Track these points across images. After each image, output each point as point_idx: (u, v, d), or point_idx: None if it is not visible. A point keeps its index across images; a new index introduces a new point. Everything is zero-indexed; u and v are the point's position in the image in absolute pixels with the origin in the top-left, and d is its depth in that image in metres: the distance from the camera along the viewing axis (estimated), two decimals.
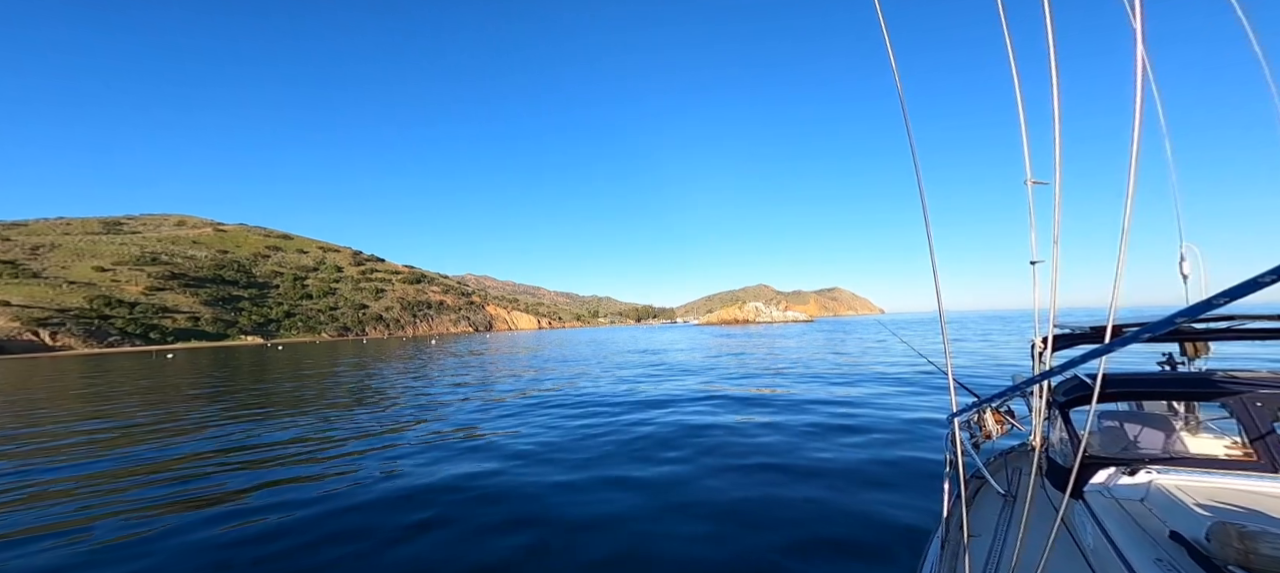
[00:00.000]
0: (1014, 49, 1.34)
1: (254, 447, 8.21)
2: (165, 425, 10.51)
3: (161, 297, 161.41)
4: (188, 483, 6.29)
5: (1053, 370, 1.38)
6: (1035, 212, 1.43)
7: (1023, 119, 1.34)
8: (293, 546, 4.23)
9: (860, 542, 3.83)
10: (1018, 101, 1.35)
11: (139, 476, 6.71)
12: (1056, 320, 1.54)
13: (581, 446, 7.24)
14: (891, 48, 1.34)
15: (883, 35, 1.35)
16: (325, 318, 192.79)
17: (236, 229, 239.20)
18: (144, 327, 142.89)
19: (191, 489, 6.02)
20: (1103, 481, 2.08)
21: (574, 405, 10.94)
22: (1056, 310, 1.45)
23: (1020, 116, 1.33)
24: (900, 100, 1.35)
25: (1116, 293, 1.25)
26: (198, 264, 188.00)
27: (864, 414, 8.37)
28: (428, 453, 7.23)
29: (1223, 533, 1.38)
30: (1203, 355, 2.96)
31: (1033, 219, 1.44)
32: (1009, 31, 1.31)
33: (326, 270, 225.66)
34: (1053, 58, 1.22)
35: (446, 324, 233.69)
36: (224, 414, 11.90)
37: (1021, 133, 1.34)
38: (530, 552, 3.93)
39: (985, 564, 1.89)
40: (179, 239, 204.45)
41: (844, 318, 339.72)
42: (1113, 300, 1.26)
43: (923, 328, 43.54)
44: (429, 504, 5.05)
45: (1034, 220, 1.44)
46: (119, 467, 7.24)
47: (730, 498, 4.82)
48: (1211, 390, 2.23)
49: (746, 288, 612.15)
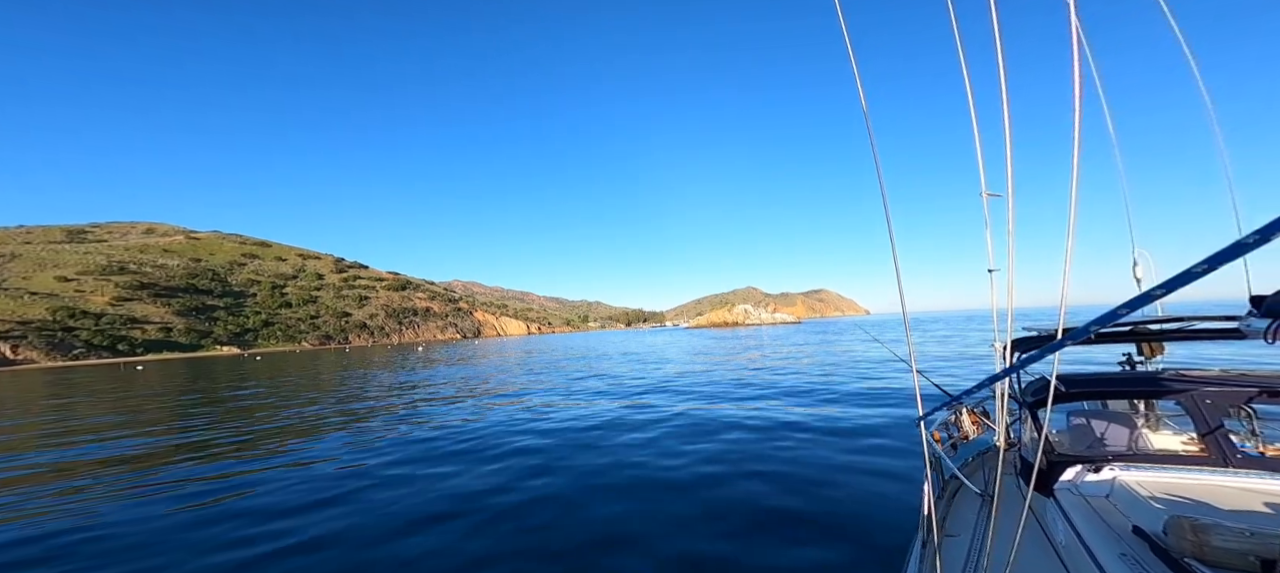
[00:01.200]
0: (968, 69, 1.38)
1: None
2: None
3: (130, 307, 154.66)
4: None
5: (1009, 369, 1.45)
6: (991, 222, 1.50)
7: (977, 136, 1.40)
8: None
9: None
10: (972, 119, 1.41)
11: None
12: (1022, 324, 1.60)
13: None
14: (855, 60, 1.39)
15: (848, 50, 1.43)
16: (306, 327, 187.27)
17: (210, 236, 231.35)
18: (111, 338, 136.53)
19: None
20: (1071, 478, 2.12)
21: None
22: (1013, 315, 1.50)
23: (975, 133, 1.40)
24: (864, 112, 1.42)
25: (1064, 296, 1.32)
26: (169, 273, 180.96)
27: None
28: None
29: (1178, 527, 1.44)
30: (1158, 355, 3.07)
31: (989, 229, 1.51)
32: (964, 51, 1.36)
33: (306, 278, 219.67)
34: (1002, 75, 1.28)
35: (433, 331, 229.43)
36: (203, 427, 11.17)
37: (976, 148, 1.40)
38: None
39: (964, 563, 1.94)
40: (148, 247, 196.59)
41: (831, 319, 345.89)
42: (1062, 302, 1.35)
43: (902, 329, 44.22)
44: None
45: (990, 231, 1.51)
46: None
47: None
48: (1166, 389, 2.33)
49: (735, 291, 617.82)
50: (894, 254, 1.44)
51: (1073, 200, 1.18)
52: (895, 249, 1.43)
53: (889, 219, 1.45)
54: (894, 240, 1.42)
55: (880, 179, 1.43)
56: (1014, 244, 1.40)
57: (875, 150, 1.39)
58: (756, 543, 3.71)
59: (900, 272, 1.46)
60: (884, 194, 1.45)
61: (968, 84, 1.40)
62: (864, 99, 1.41)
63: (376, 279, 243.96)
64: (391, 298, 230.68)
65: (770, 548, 3.67)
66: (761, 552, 3.63)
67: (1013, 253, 1.40)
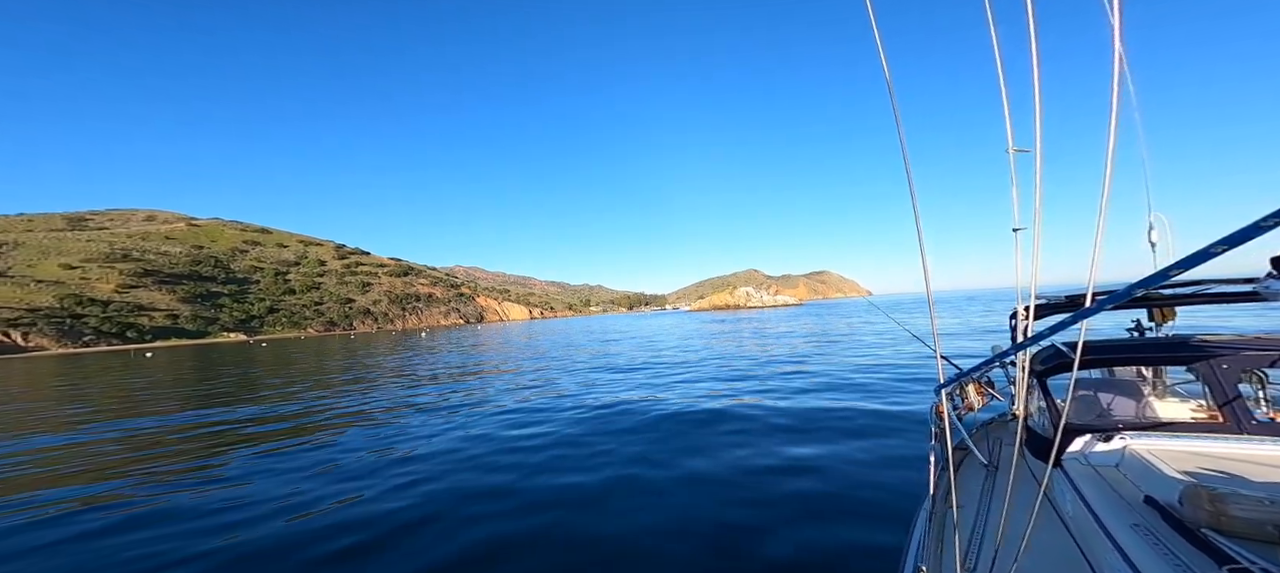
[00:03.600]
0: (995, 20, 1.34)
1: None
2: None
3: (136, 294, 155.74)
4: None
5: (1033, 338, 1.38)
6: (1018, 180, 1.44)
7: (1004, 90, 1.35)
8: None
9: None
10: (999, 73, 1.36)
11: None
12: (1037, 291, 1.52)
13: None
14: (878, 33, 1.33)
15: (870, 19, 1.37)
16: (310, 313, 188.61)
17: (211, 224, 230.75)
18: (119, 325, 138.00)
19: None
20: (1079, 448, 2.10)
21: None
22: (1037, 279, 1.45)
23: (1001, 88, 1.35)
24: (888, 87, 1.37)
25: (1095, 261, 1.27)
26: (172, 260, 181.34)
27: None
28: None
29: (1195, 496, 1.40)
30: (1169, 321, 3.03)
31: (1015, 187, 1.46)
32: (991, 6, 1.32)
33: (309, 264, 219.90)
34: (1032, 28, 1.23)
35: (436, 317, 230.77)
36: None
37: (1003, 103, 1.35)
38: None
39: (970, 533, 1.93)
40: (150, 235, 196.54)
41: (832, 300, 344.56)
42: (1092, 269, 1.29)
43: (905, 309, 44.44)
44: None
45: (1017, 187, 1.46)
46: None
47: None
48: (1183, 355, 2.28)
49: (737, 273, 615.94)
50: (919, 235, 1.40)
51: (1109, 157, 1.12)
52: (920, 230, 1.40)
53: (914, 201, 1.40)
54: (919, 222, 1.37)
55: (906, 160, 1.37)
56: (1041, 199, 1.33)
57: (901, 131, 1.35)
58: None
59: (925, 252, 1.43)
60: (909, 176, 1.40)
61: (994, 37, 1.33)
62: (890, 81, 1.36)
63: (378, 265, 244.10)
64: (394, 284, 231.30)
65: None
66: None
67: (1039, 209, 1.33)
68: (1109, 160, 1.14)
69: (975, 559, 1.74)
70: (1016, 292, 1.54)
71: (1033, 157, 1.34)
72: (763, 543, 3.56)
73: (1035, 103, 1.25)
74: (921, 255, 1.42)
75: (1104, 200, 1.20)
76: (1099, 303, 1.10)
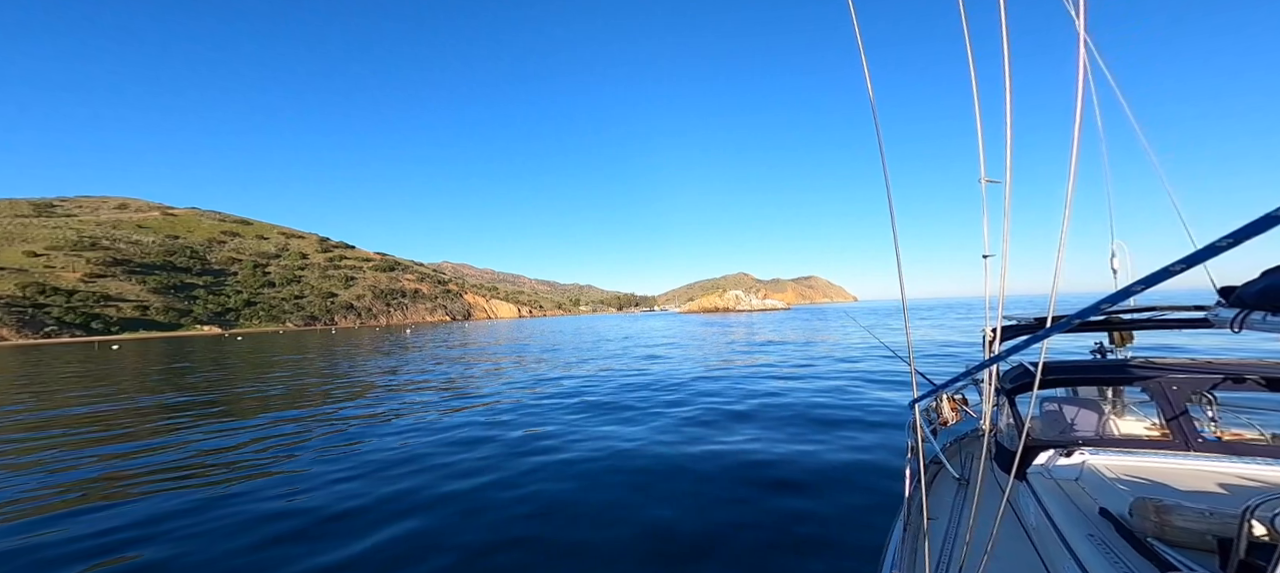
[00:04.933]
0: (974, 54, 1.42)
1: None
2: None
3: (103, 284, 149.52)
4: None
5: (997, 357, 1.45)
6: (988, 208, 1.50)
7: (979, 124, 1.41)
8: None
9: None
10: (975, 105, 1.42)
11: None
12: (1006, 311, 1.65)
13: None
14: (864, 52, 1.40)
15: (856, 38, 1.43)
16: (290, 307, 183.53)
17: (187, 213, 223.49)
18: (84, 316, 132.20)
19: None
20: (1043, 462, 2.19)
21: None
22: (1005, 301, 1.52)
23: (976, 119, 1.41)
24: (871, 101, 1.43)
25: (1056, 287, 1.36)
26: (144, 250, 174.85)
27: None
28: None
29: (1142, 508, 1.50)
30: (1128, 344, 3.18)
31: (986, 215, 1.52)
32: (970, 38, 1.38)
33: (290, 257, 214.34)
34: (1006, 65, 1.29)
35: (422, 313, 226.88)
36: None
37: (978, 135, 1.42)
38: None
39: (943, 543, 2.05)
40: (121, 223, 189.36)
41: (820, 305, 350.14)
42: (1053, 293, 1.37)
43: (890, 315, 45.21)
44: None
45: (987, 217, 1.52)
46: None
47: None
48: (1136, 375, 2.43)
49: (727, 276, 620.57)
50: (897, 249, 1.46)
51: (1069, 191, 1.21)
52: (897, 244, 1.45)
53: (893, 214, 1.47)
54: (897, 235, 1.43)
55: (885, 173, 1.44)
56: (1009, 229, 1.42)
57: (881, 143, 1.40)
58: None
59: (902, 268, 1.49)
60: (888, 188, 1.47)
61: (972, 72, 1.40)
62: (872, 93, 1.42)
63: (363, 259, 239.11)
64: (379, 279, 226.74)
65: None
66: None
67: (1007, 239, 1.42)
68: (1068, 198, 1.22)
69: (946, 566, 1.83)
70: (985, 311, 1.64)
71: (1002, 188, 1.41)
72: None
73: (1006, 141, 1.31)
74: (898, 271, 1.49)
75: (1063, 232, 1.28)
76: (1057, 325, 1.18)
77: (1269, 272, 1.34)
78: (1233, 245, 0.73)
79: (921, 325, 29.16)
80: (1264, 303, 1.27)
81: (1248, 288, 1.38)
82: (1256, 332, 1.27)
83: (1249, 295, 1.33)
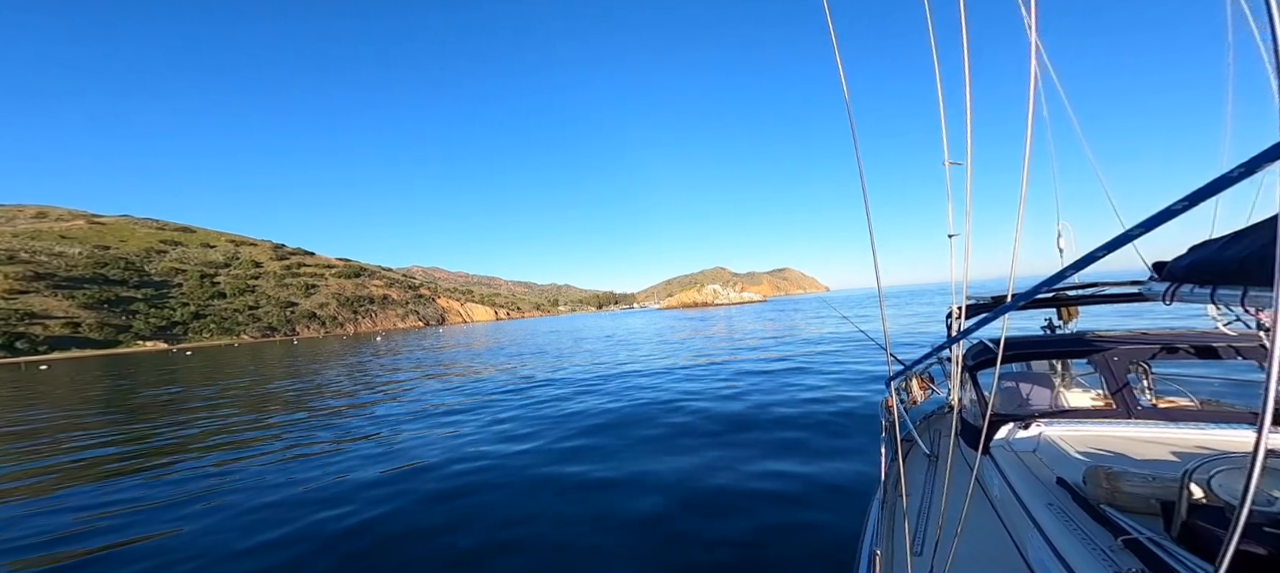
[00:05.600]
0: (937, 46, 1.48)
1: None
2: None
3: (26, 300, 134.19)
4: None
5: (961, 334, 1.52)
6: (952, 190, 1.57)
7: (942, 109, 1.48)
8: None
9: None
10: (939, 94, 1.50)
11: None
12: (969, 291, 1.69)
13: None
14: (838, 49, 1.45)
15: (830, 36, 1.46)
16: (244, 318, 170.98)
17: (118, 221, 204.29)
18: (6, 335, 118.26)
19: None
20: (1004, 435, 2.28)
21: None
22: (969, 279, 1.58)
23: (940, 108, 1.48)
24: (845, 97, 1.48)
25: (1014, 266, 1.39)
26: (70, 262, 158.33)
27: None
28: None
29: (1094, 476, 1.57)
30: (1074, 319, 3.30)
31: (950, 197, 1.58)
32: (933, 31, 1.46)
33: (242, 266, 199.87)
34: (965, 51, 1.37)
35: (393, 319, 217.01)
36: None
37: (941, 121, 1.48)
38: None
39: (917, 517, 2.15)
40: (41, 233, 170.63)
41: (794, 296, 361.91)
42: (1011, 271, 1.42)
43: (859, 304, 46.85)
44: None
45: (951, 198, 1.58)
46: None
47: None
48: (1083, 349, 2.57)
49: (704, 271, 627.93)
50: (872, 241, 1.53)
51: (1024, 176, 1.27)
52: (873, 238, 1.53)
53: (867, 206, 1.53)
54: (872, 230, 1.50)
55: (860, 166, 1.51)
56: (971, 209, 1.49)
57: (856, 137, 1.46)
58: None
59: (878, 257, 1.55)
60: (863, 181, 1.53)
61: (935, 59, 1.48)
62: (846, 89, 1.47)
63: (325, 266, 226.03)
64: (343, 286, 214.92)
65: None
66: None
67: (970, 219, 1.49)
68: (1024, 180, 1.26)
69: (922, 542, 1.91)
70: (951, 290, 1.72)
71: (964, 170, 1.47)
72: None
73: (966, 123, 1.37)
74: (873, 258, 1.55)
75: (1021, 212, 1.32)
76: (1013, 301, 1.27)
77: (1196, 247, 1.44)
78: (1146, 231, 0.81)
79: (888, 313, 29.88)
80: (1192, 276, 1.37)
81: (1177, 263, 1.49)
82: (1186, 303, 1.37)
83: (1179, 269, 1.43)
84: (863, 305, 43.18)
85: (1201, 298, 1.33)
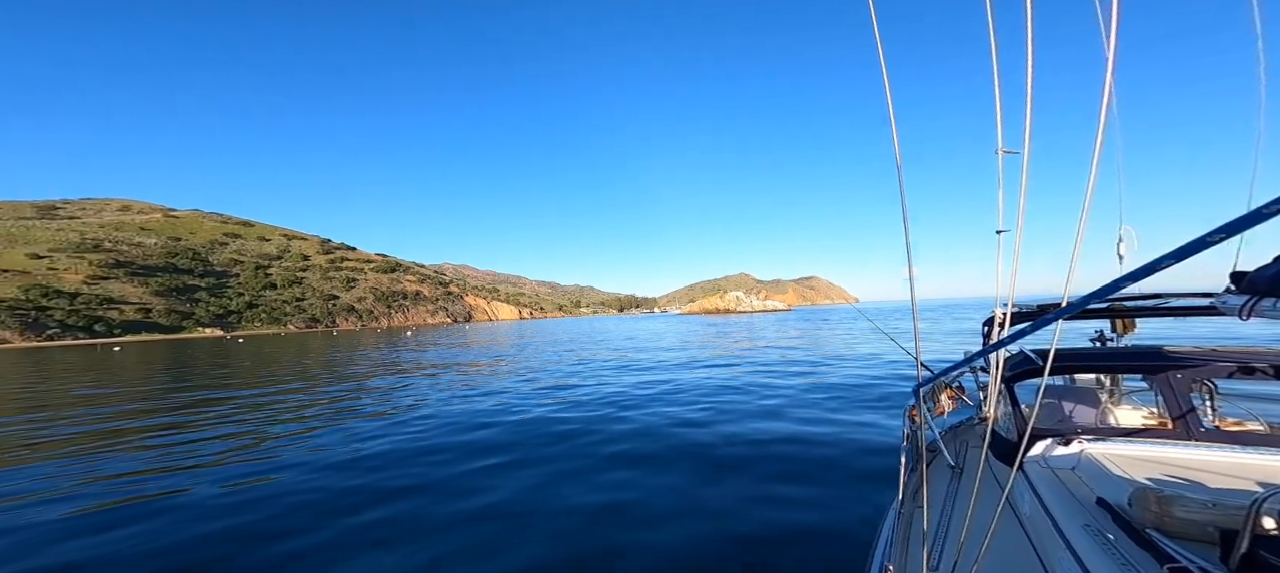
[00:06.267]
0: (995, 25, 1.35)
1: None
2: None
3: (106, 286, 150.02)
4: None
5: (1006, 339, 1.40)
6: (1004, 182, 1.45)
7: (998, 92, 1.37)
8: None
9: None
10: (995, 75, 1.38)
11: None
12: (1009, 307, 1.59)
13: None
14: (882, 49, 1.37)
15: (875, 36, 1.38)
16: (291, 309, 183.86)
17: (190, 215, 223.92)
18: (87, 318, 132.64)
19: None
20: (1039, 451, 2.16)
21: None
22: (1016, 280, 1.46)
23: (996, 90, 1.37)
24: (886, 93, 1.39)
25: (1074, 266, 1.30)
26: (146, 252, 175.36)
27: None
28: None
29: (1143, 498, 1.45)
30: (1130, 331, 3.12)
31: (1001, 188, 1.47)
32: (992, 10, 1.34)
33: (292, 259, 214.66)
34: (1029, 30, 1.24)
35: (423, 315, 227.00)
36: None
37: (996, 104, 1.37)
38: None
39: (935, 532, 2.01)
40: (124, 226, 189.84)
41: (821, 306, 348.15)
42: (1070, 272, 1.31)
43: (887, 315, 44.88)
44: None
45: (1002, 189, 1.47)
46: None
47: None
48: (1145, 364, 2.38)
49: (727, 277, 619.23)
50: (908, 247, 1.43)
51: (1094, 170, 1.15)
52: (909, 246, 1.43)
53: (905, 210, 1.43)
54: (909, 236, 1.40)
55: (899, 174, 1.41)
56: (1025, 204, 1.36)
57: (897, 144, 1.37)
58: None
59: (913, 263, 1.45)
60: (902, 187, 1.43)
61: (992, 39, 1.34)
62: (890, 97, 1.38)
63: (365, 261, 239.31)
64: (380, 281, 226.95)
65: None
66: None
67: (1022, 214, 1.37)
68: (1094, 167, 1.16)
69: (939, 558, 1.79)
70: (996, 295, 1.58)
71: (1020, 159, 1.36)
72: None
73: (1027, 106, 1.25)
74: (908, 264, 1.47)
75: (1086, 206, 1.21)
76: (1070, 305, 1.14)
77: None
78: (1226, 237, 0.71)
79: (923, 327, 28.93)
80: (1277, 289, 1.21)
81: (1261, 273, 1.33)
82: (1265, 319, 1.23)
83: (1262, 281, 1.28)
84: (893, 318, 40.23)
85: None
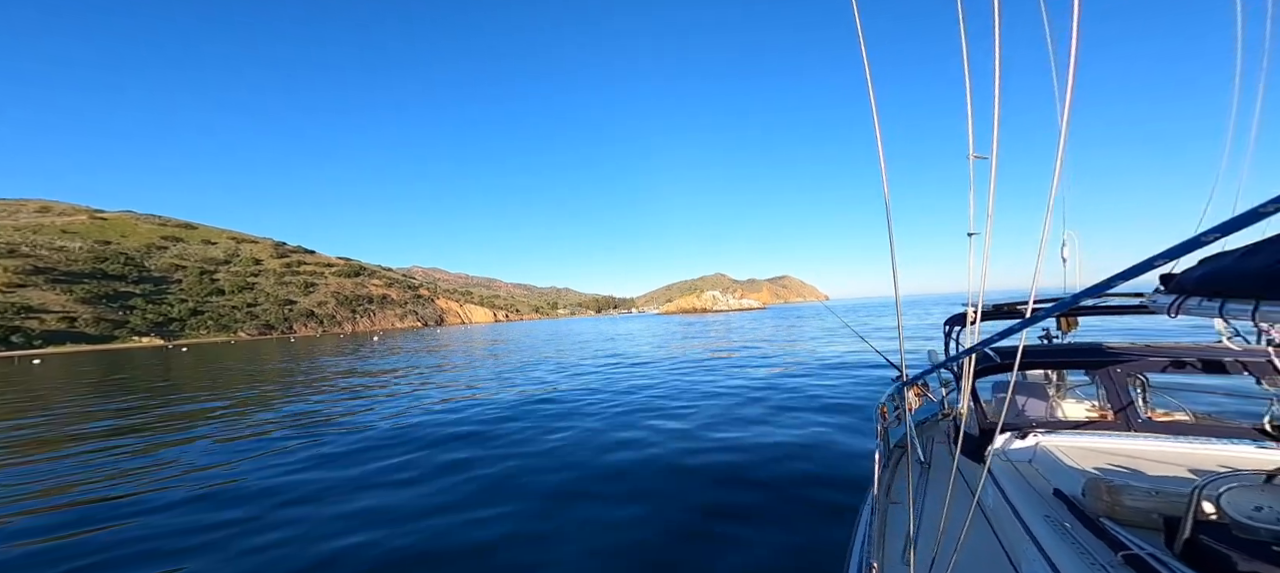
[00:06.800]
0: (966, 34, 1.40)
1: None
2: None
3: (24, 294, 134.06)
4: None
5: (984, 343, 1.46)
6: (974, 186, 1.52)
7: (969, 98, 1.43)
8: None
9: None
10: (966, 84, 1.44)
11: None
12: (967, 299, 1.66)
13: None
14: (866, 50, 1.42)
15: (858, 38, 1.44)
16: (242, 315, 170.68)
17: (120, 217, 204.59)
18: (2, 329, 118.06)
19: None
20: (1000, 445, 2.25)
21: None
22: (986, 282, 1.53)
23: (967, 97, 1.43)
24: (869, 90, 1.44)
25: (1038, 273, 1.35)
26: (70, 256, 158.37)
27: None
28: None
29: (1095, 488, 1.54)
30: (1073, 330, 3.27)
31: (972, 192, 1.53)
32: (964, 20, 1.39)
33: (242, 263, 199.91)
34: (996, 44, 1.30)
35: (391, 319, 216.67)
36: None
37: (968, 110, 1.43)
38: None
39: (906, 526, 2.12)
40: (43, 228, 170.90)
41: (793, 304, 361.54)
42: (1035, 276, 1.37)
43: (855, 311, 46.73)
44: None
45: (973, 193, 1.53)
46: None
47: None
48: (1093, 359, 2.54)
49: (704, 277, 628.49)
50: (892, 248, 1.51)
51: (1055, 181, 1.21)
52: (893, 246, 1.50)
53: (889, 210, 1.51)
54: (893, 237, 1.47)
55: (883, 175, 1.46)
56: (993, 209, 1.43)
57: (881, 152, 1.40)
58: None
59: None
60: (887, 190, 1.51)
61: (964, 48, 1.41)
62: (874, 105, 1.42)
63: (325, 265, 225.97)
64: (343, 285, 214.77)
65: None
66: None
67: (991, 218, 1.44)
68: (1058, 171, 1.21)
69: (913, 549, 1.90)
70: (968, 294, 1.65)
71: (988, 164, 1.42)
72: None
73: (994, 113, 1.31)
74: (892, 263, 1.55)
75: (1049, 209, 1.26)
76: (1048, 309, 1.21)
77: (1208, 259, 1.42)
78: (1186, 253, 0.77)
79: (885, 323, 29.62)
80: (1202, 289, 1.32)
81: (1188, 275, 1.45)
82: (1191, 316, 1.34)
83: (1189, 282, 1.40)
84: (860, 313, 42.74)
85: (1209, 312, 1.27)
